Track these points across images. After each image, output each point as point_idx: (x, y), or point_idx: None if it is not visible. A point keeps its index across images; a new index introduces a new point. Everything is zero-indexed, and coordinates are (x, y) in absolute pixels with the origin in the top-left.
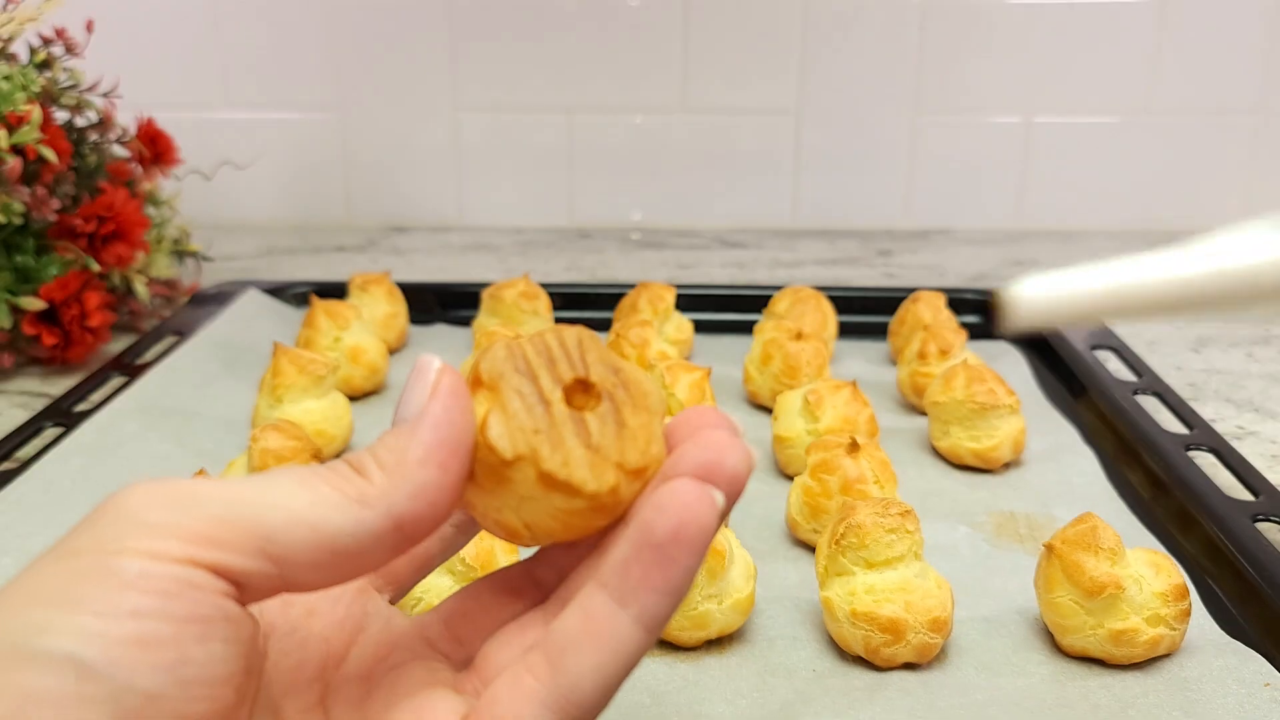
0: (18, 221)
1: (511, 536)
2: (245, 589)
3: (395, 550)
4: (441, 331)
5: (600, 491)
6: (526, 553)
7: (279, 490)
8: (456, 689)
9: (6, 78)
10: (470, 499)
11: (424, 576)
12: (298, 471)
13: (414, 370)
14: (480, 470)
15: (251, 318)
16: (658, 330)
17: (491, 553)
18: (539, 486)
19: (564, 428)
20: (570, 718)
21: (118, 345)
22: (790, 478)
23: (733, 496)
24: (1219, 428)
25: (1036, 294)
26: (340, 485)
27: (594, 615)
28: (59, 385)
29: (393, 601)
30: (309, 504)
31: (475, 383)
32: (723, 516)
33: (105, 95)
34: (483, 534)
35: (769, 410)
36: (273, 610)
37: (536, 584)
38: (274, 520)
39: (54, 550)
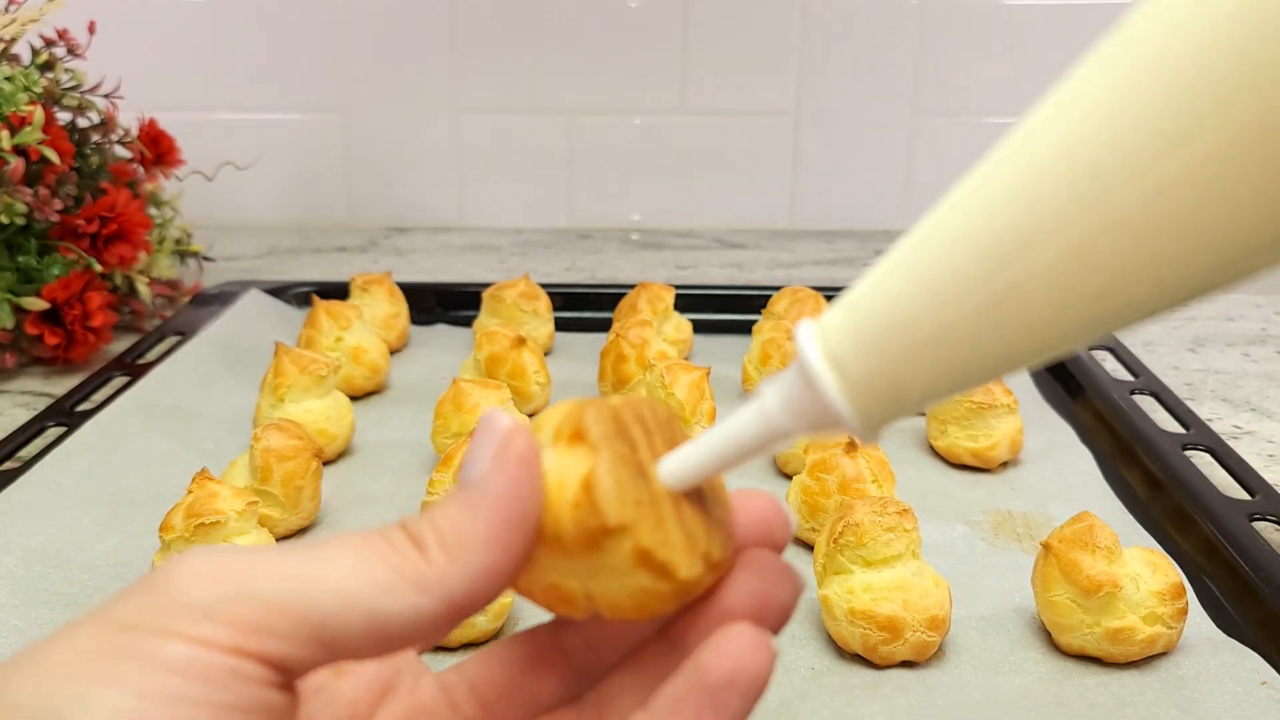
0: (20, 222)
1: (563, 605)
2: (293, 672)
3: (447, 631)
4: (442, 332)
5: (689, 580)
6: None
7: (334, 570)
8: None
9: (9, 79)
10: (530, 557)
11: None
12: (355, 545)
13: (482, 426)
14: (564, 532)
15: (253, 318)
16: (657, 330)
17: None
18: (629, 561)
19: (663, 506)
20: None
21: (120, 345)
22: (788, 476)
23: (783, 625)
24: (1216, 427)
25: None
26: (398, 565)
27: None
28: (61, 385)
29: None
30: (364, 586)
31: (575, 436)
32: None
33: (107, 96)
34: None
35: None
36: None
37: (564, 652)
38: (327, 606)
39: (96, 619)
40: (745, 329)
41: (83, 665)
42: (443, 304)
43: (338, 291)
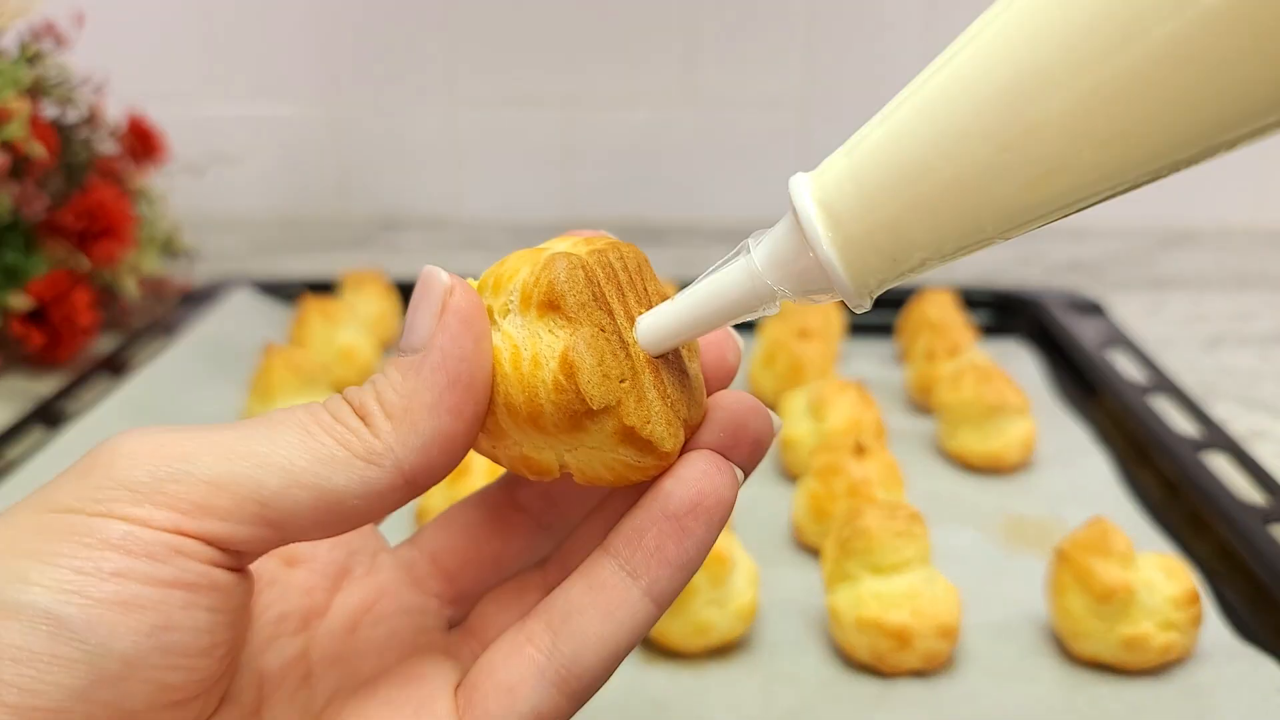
0: (6, 219)
1: (533, 472)
2: (240, 554)
3: (404, 502)
4: None
5: (672, 451)
6: None
7: (279, 446)
8: (449, 653)
9: None
10: (500, 429)
11: None
12: (298, 420)
13: (420, 284)
14: (541, 412)
15: (242, 316)
16: None
17: None
18: (613, 439)
19: (643, 377)
20: (570, 690)
21: (107, 344)
22: (794, 480)
23: (756, 462)
24: (1232, 429)
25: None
26: (345, 439)
27: (602, 584)
28: (47, 385)
29: None
30: (311, 462)
31: (547, 305)
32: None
33: (95, 91)
34: None
35: (773, 411)
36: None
37: (522, 510)
38: (273, 484)
39: (33, 501)
40: (750, 327)
41: (19, 545)
42: None
43: (329, 288)
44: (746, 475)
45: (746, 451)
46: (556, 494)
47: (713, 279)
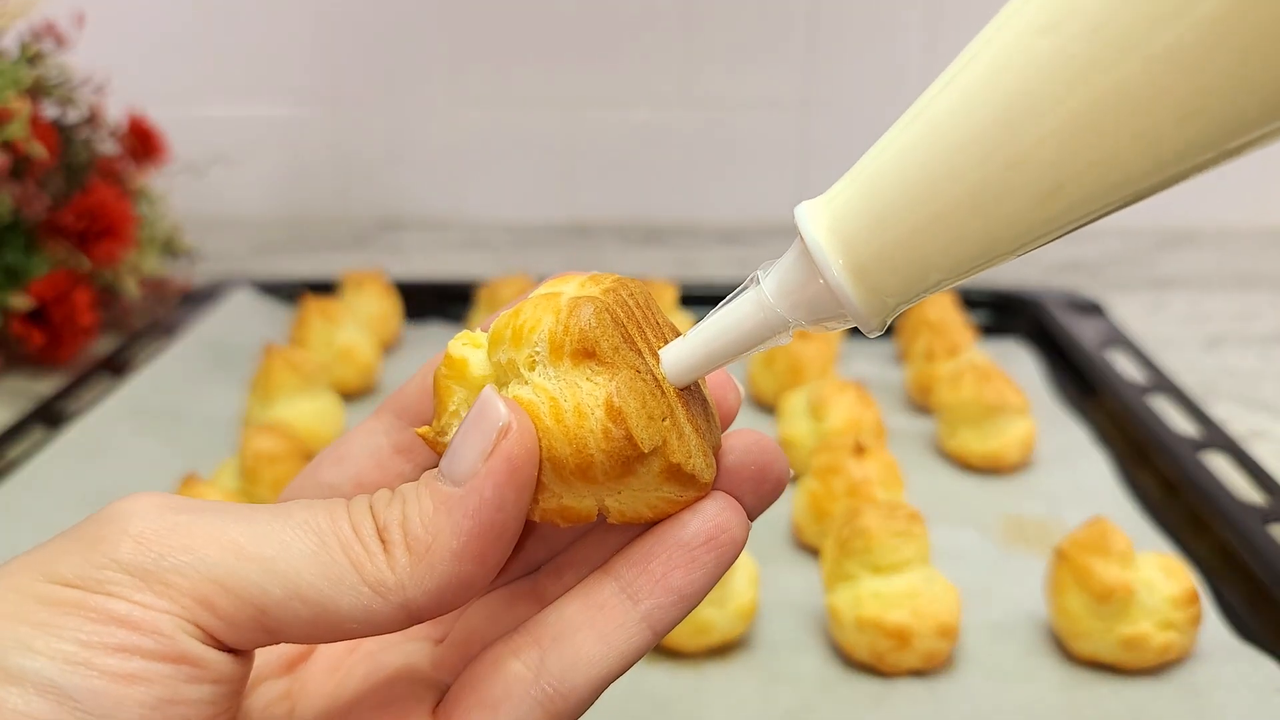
0: (6, 219)
1: (571, 520)
2: (231, 649)
3: (404, 628)
4: (436, 330)
5: (711, 480)
6: None
7: (290, 554)
8: (432, 669)
9: None
10: (540, 484)
11: None
12: (316, 528)
13: (476, 409)
14: (590, 462)
15: (243, 316)
16: None
17: None
18: (659, 478)
19: (679, 413)
20: (554, 711)
21: (107, 344)
22: (795, 480)
23: (772, 501)
24: (1231, 429)
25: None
26: (359, 559)
27: (600, 605)
28: (47, 385)
29: None
30: (318, 578)
31: (581, 354)
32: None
33: (95, 91)
34: None
35: (773, 411)
36: None
37: (515, 554)
38: (275, 594)
39: (32, 564)
40: None
41: (22, 612)
42: (438, 301)
43: (329, 289)
44: (759, 513)
45: (769, 490)
46: (550, 535)
47: (726, 310)
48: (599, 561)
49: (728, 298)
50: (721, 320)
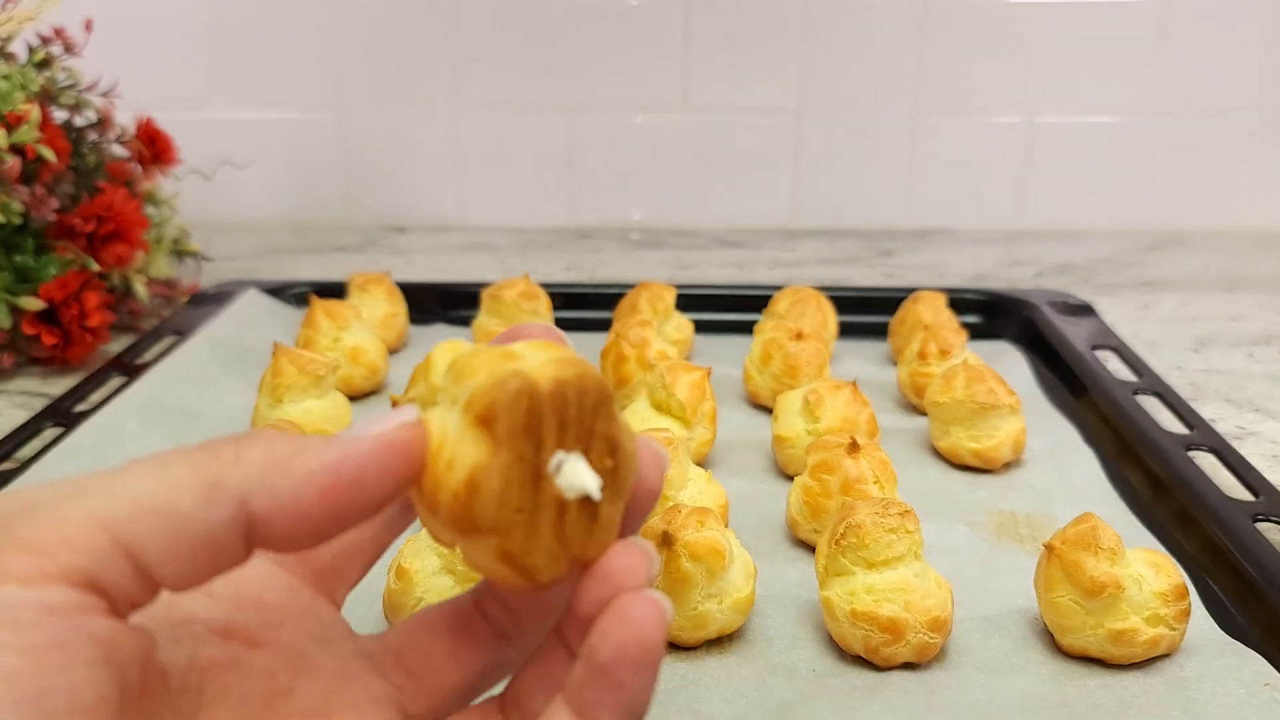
0: (17, 221)
1: (446, 546)
2: (110, 595)
3: (244, 556)
4: (441, 332)
5: (547, 581)
6: None
7: (129, 477)
8: None
9: (5, 77)
10: (425, 515)
11: (369, 566)
12: (165, 454)
13: (395, 411)
14: (439, 506)
15: (251, 317)
16: (657, 330)
17: None
18: (493, 556)
19: (543, 513)
20: None
21: (117, 345)
22: (790, 478)
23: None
24: (1219, 428)
25: None
26: (201, 463)
27: None
28: (59, 385)
29: (346, 590)
30: (159, 488)
31: (482, 421)
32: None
33: (104, 95)
34: None
35: (769, 410)
36: (211, 644)
37: (484, 616)
38: (119, 511)
39: None
40: (746, 329)
41: None
42: (442, 304)
43: (336, 291)
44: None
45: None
46: (517, 605)
47: None
48: (544, 687)
49: None
50: None
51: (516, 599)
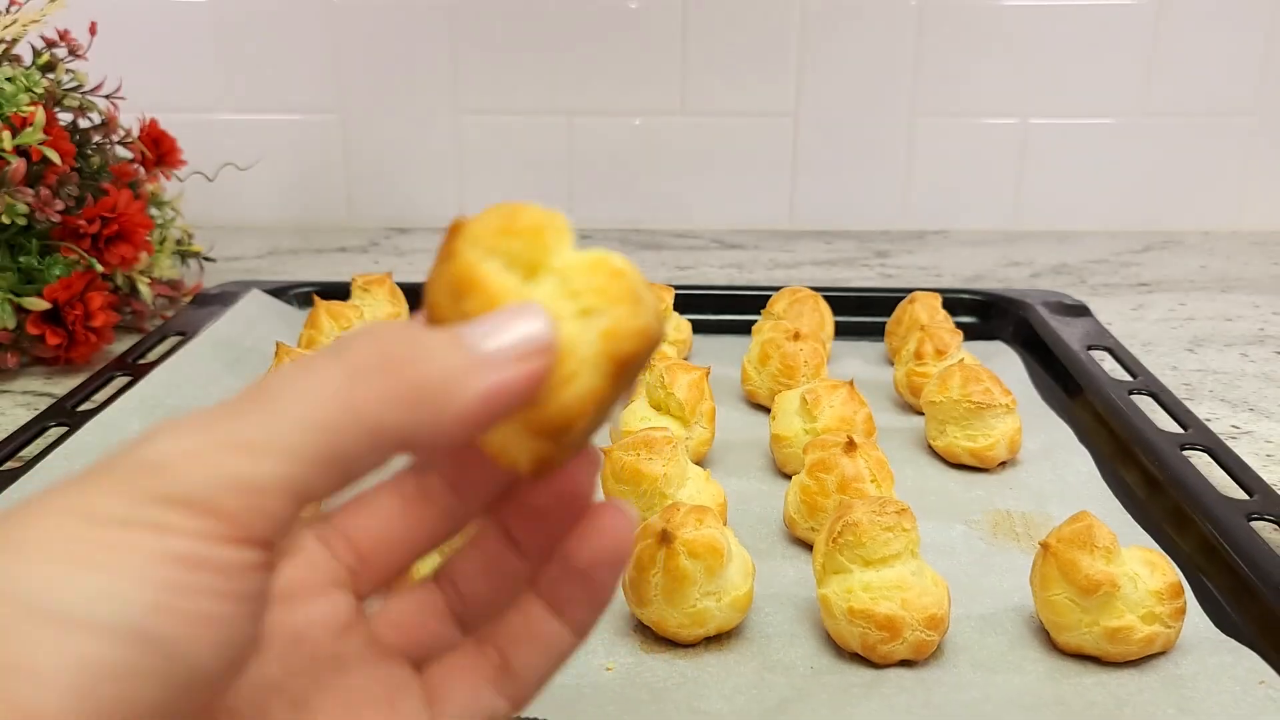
0: (22, 222)
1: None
2: (274, 549)
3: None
4: None
5: (544, 474)
6: None
7: (293, 426)
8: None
9: (10, 79)
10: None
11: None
12: (318, 388)
13: (530, 312)
14: (542, 404)
15: (254, 318)
16: None
17: None
18: (531, 454)
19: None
20: (515, 698)
21: (121, 345)
22: (788, 476)
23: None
24: (1214, 427)
25: None
26: (360, 411)
27: (532, 619)
28: (63, 385)
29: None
30: (328, 439)
31: (617, 360)
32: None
33: (108, 97)
34: None
35: (767, 410)
36: None
37: (428, 496)
38: (306, 477)
39: (64, 504)
40: (745, 329)
41: (77, 557)
42: None
43: (339, 292)
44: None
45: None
46: (456, 480)
47: None
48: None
49: None
50: None
51: (462, 472)
